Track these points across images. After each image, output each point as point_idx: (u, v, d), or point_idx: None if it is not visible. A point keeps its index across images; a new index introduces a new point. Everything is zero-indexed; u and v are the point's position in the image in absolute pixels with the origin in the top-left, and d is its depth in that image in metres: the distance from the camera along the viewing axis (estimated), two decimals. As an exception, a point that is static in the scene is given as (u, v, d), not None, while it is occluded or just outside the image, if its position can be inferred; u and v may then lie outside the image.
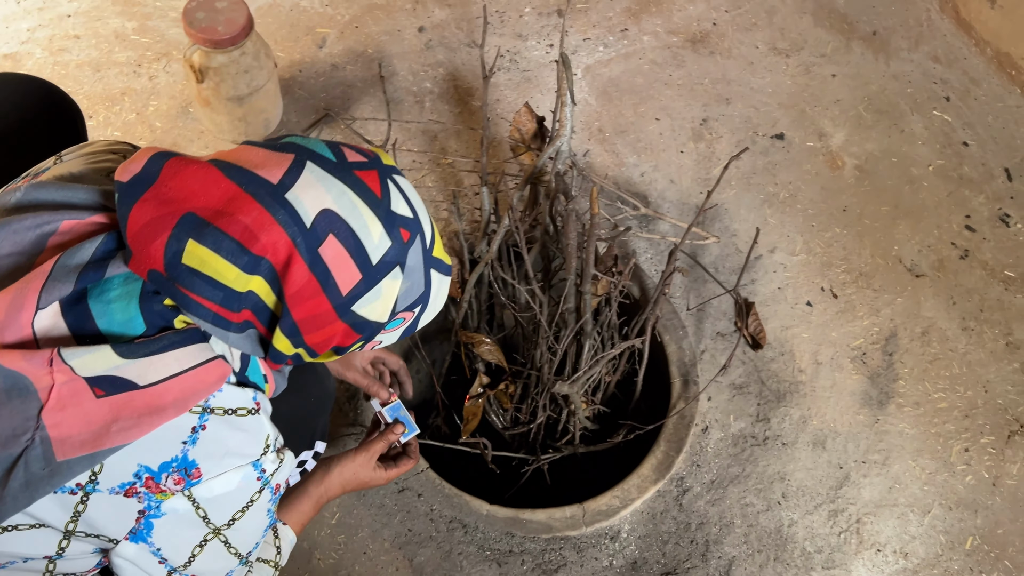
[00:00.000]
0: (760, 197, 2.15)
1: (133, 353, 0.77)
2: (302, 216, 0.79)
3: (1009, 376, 1.95)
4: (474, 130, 2.14)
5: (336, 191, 0.81)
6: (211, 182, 0.79)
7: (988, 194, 2.23)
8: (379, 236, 0.83)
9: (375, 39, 2.30)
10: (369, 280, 0.84)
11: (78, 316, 0.78)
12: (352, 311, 0.85)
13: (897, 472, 1.80)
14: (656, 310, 1.80)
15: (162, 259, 0.77)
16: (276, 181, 0.79)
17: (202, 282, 0.78)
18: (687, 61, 2.38)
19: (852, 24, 2.53)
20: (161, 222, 0.77)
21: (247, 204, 0.78)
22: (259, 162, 0.81)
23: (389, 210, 0.85)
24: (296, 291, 0.80)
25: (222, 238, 0.77)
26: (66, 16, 2.19)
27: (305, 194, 0.79)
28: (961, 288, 2.07)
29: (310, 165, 0.81)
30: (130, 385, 0.77)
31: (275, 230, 0.77)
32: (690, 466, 1.78)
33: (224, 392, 0.84)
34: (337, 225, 0.80)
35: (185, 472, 0.81)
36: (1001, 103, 2.42)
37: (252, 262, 0.78)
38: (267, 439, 0.88)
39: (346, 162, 0.84)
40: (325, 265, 0.80)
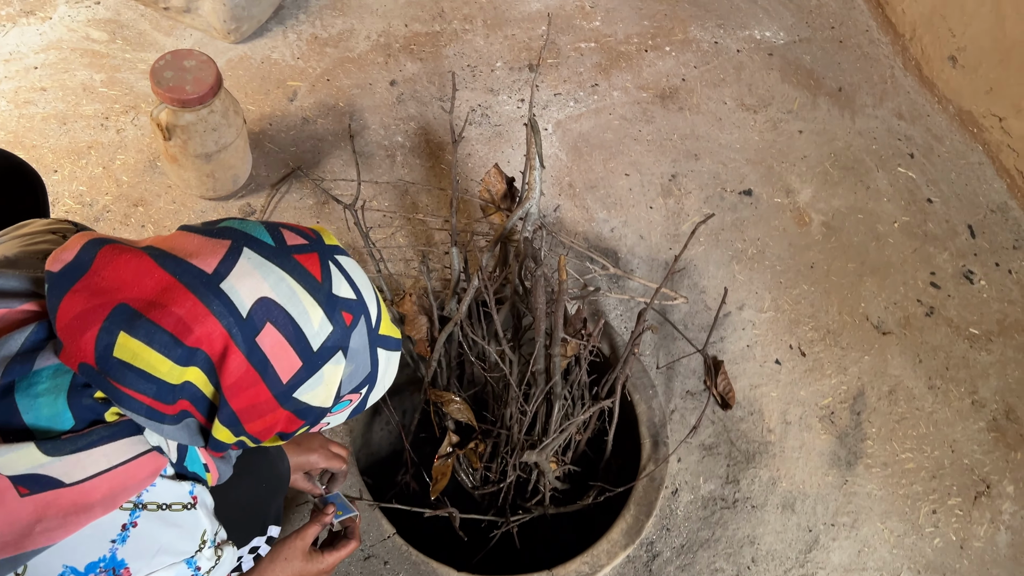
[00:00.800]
0: (728, 253, 2.17)
1: (59, 450, 0.75)
2: (238, 306, 0.77)
3: (975, 435, 1.97)
4: (443, 191, 2.14)
5: (274, 278, 0.79)
6: (144, 272, 0.77)
7: (952, 251, 2.26)
8: (319, 322, 0.81)
9: (346, 92, 2.30)
10: (310, 367, 0.82)
11: (3, 410, 0.76)
12: (294, 398, 0.83)
13: (866, 535, 1.80)
14: (626, 369, 1.80)
15: (93, 352, 0.75)
16: (211, 270, 0.77)
17: (135, 376, 0.76)
18: (656, 116, 2.40)
19: (818, 80, 2.58)
20: (92, 314, 0.75)
21: (181, 295, 0.75)
22: (194, 250, 0.79)
23: (330, 294, 0.83)
24: (233, 382, 0.78)
25: (155, 331, 0.74)
26: (33, 68, 2.17)
27: (241, 283, 0.77)
28: (927, 346, 2.09)
29: (247, 251, 0.80)
30: (56, 483, 0.74)
31: (210, 321, 0.75)
32: (660, 530, 1.77)
33: (158, 486, 0.81)
34: (275, 313, 0.79)
35: (113, 572, 0.78)
36: (964, 160, 2.46)
37: (186, 354, 0.75)
38: (203, 535, 0.86)
39: (285, 246, 0.83)
40: (263, 354, 0.78)
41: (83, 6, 2.32)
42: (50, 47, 2.22)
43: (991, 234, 2.32)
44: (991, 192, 2.42)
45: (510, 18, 2.55)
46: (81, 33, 2.27)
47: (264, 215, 2.02)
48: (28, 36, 2.23)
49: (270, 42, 2.36)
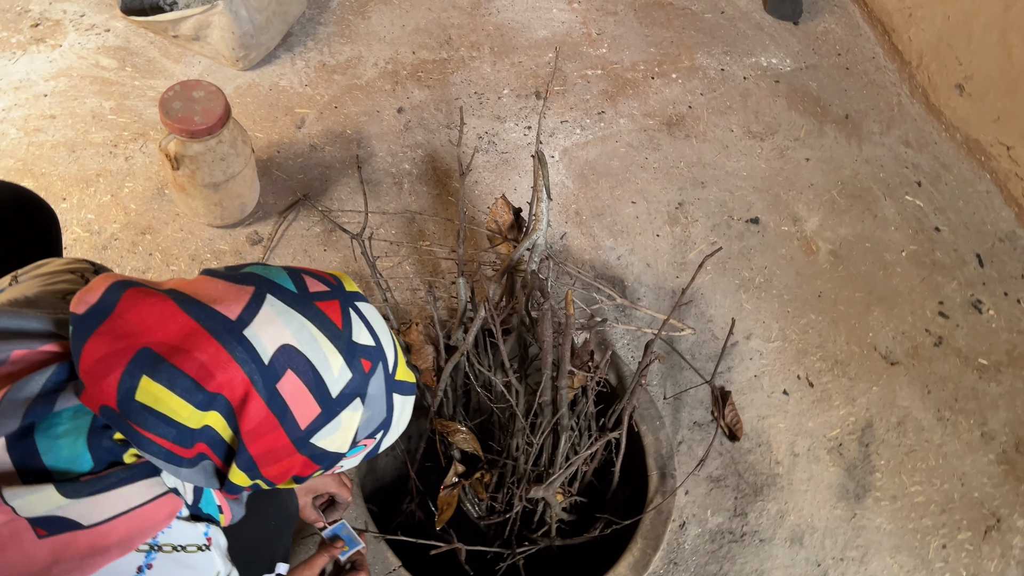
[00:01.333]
0: (735, 282, 2.16)
1: (78, 492, 0.75)
2: (260, 353, 0.78)
3: (985, 468, 1.95)
4: (450, 221, 2.14)
5: (296, 325, 0.80)
6: (168, 316, 0.78)
7: (960, 280, 2.26)
8: (339, 369, 0.83)
9: (354, 120, 2.31)
10: (329, 413, 0.83)
11: (23, 452, 0.76)
12: (311, 444, 0.84)
13: (875, 570, 1.78)
14: (633, 400, 1.79)
15: (115, 395, 0.76)
16: (235, 317, 0.78)
17: (155, 419, 0.76)
18: (663, 144, 2.41)
19: (825, 108, 2.58)
20: (115, 357, 0.76)
21: (204, 340, 0.77)
22: (218, 296, 0.80)
23: (350, 341, 0.84)
24: (253, 427, 0.79)
25: (177, 375, 0.75)
26: (42, 95, 2.18)
27: (263, 330, 0.79)
28: (936, 376, 2.08)
29: (270, 298, 0.81)
30: (74, 525, 0.75)
31: (232, 368, 0.77)
32: (667, 564, 1.76)
33: (173, 528, 0.82)
34: (296, 360, 0.80)
35: None
36: (971, 188, 2.46)
37: (207, 399, 0.77)
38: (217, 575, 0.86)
39: (307, 293, 0.84)
40: (283, 400, 0.80)
41: (93, 33, 2.34)
42: (60, 74, 2.24)
43: (1000, 263, 2.31)
44: (999, 221, 2.41)
45: (517, 46, 2.56)
46: (91, 60, 2.28)
47: (271, 243, 2.03)
48: (38, 63, 2.24)
49: (278, 69, 2.37)
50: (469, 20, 2.60)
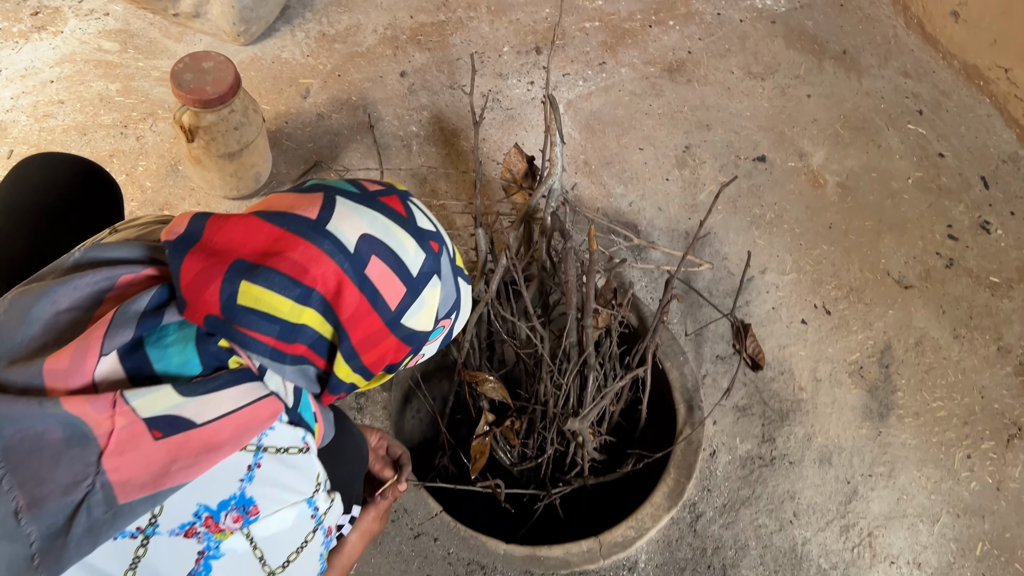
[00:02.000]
0: (747, 219, 2.19)
1: (192, 391, 0.81)
2: (345, 243, 0.85)
3: (1003, 381, 1.99)
4: (464, 173, 2.17)
5: (369, 217, 0.88)
6: (254, 229, 0.84)
7: (967, 203, 2.29)
8: (414, 251, 0.90)
9: (358, 86, 2.33)
10: (413, 292, 0.90)
11: (136, 361, 0.82)
12: (402, 324, 0.91)
13: (903, 483, 1.83)
14: (656, 338, 1.83)
15: (218, 303, 0.82)
16: (315, 216, 0.85)
17: (259, 319, 0.83)
18: (666, 90, 2.43)
19: (822, 45, 2.60)
20: (212, 270, 0.82)
21: (293, 241, 0.83)
22: (292, 204, 0.87)
23: (416, 227, 0.92)
24: (351, 314, 0.85)
25: (273, 275, 0.82)
26: (49, 82, 2.20)
27: (343, 223, 0.86)
28: (949, 297, 2.12)
29: (340, 199, 0.88)
30: (188, 424, 0.79)
31: (324, 260, 0.83)
32: (701, 491, 1.80)
33: (276, 430, 0.86)
34: (377, 246, 0.87)
35: (243, 509, 0.82)
36: (972, 113, 2.49)
37: (304, 293, 0.83)
38: (318, 477, 0.90)
39: (368, 191, 0.92)
40: (373, 284, 0.86)
41: (93, 18, 2.35)
42: (64, 60, 2.25)
43: (1004, 184, 2.34)
44: (1001, 143, 2.44)
45: (513, 3, 2.58)
46: (93, 45, 2.29)
47: (288, 210, 2.05)
48: (41, 51, 2.26)
49: (279, 42, 2.39)
50: (463, -19, 2.61)
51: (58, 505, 0.75)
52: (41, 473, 0.76)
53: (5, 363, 0.82)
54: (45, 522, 0.75)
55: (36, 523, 0.74)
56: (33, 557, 0.74)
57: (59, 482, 0.75)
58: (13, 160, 2.03)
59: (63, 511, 0.75)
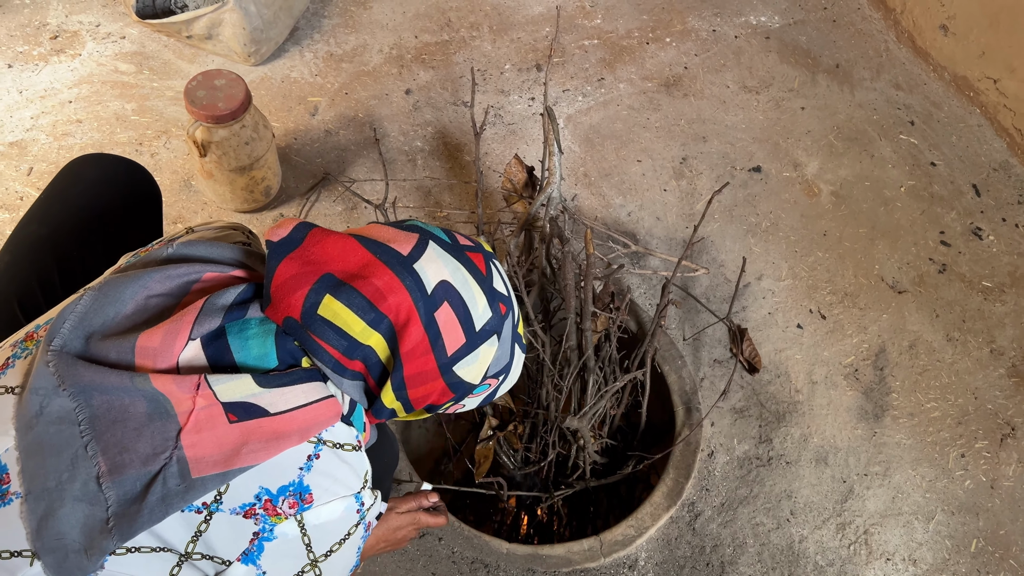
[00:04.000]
0: (743, 228, 2.25)
1: (269, 383, 0.87)
2: (425, 284, 0.91)
3: (996, 382, 2.03)
4: (467, 183, 2.24)
5: (452, 266, 0.94)
6: (350, 250, 0.92)
7: (959, 210, 2.34)
8: (483, 307, 0.96)
9: (365, 104, 2.41)
10: (471, 344, 0.96)
11: (218, 349, 0.89)
12: (453, 371, 0.96)
13: (899, 482, 1.87)
14: (654, 342, 1.88)
15: (300, 308, 0.89)
16: (406, 253, 0.92)
17: (332, 332, 0.89)
18: (663, 104, 2.50)
19: (815, 59, 2.67)
20: (303, 278, 0.90)
21: (380, 270, 0.90)
22: (390, 237, 0.95)
23: (492, 287, 0.98)
24: (410, 349, 0.91)
25: (355, 295, 0.89)
26: (67, 102, 2.29)
27: (428, 266, 0.92)
28: (942, 301, 2.16)
29: (431, 244, 0.95)
30: (261, 412, 0.85)
31: (402, 293, 0.90)
32: (700, 491, 1.84)
33: (335, 427, 0.92)
34: (451, 294, 0.93)
35: (299, 496, 0.87)
36: (963, 123, 2.54)
37: (377, 318, 0.89)
38: (366, 474, 0.96)
39: (459, 244, 0.99)
40: (438, 327, 0.92)
41: (110, 41, 2.44)
42: (82, 81, 2.34)
43: (996, 191, 2.40)
44: (992, 152, 2.49)
45: (514, 22, 2.66)
46: (110, 67, 2.38)
47: (297, 223, 2.12)
48: (60, 73, 2.35)
49: (288, 62, 2.47)
50: (466, 2, 2.70)
51: (137, 473, 0.81)
52: (124, 442, 0.81)
53: (99, 337, 0.88)
54: (123, 488, 0.80)
55: (115, 488, 0.80)
56: (108, 520, 0.80)
57: (140, 452, 0.81)
58: (33, 177, 2.11)
59: (141, 479, 0.81)
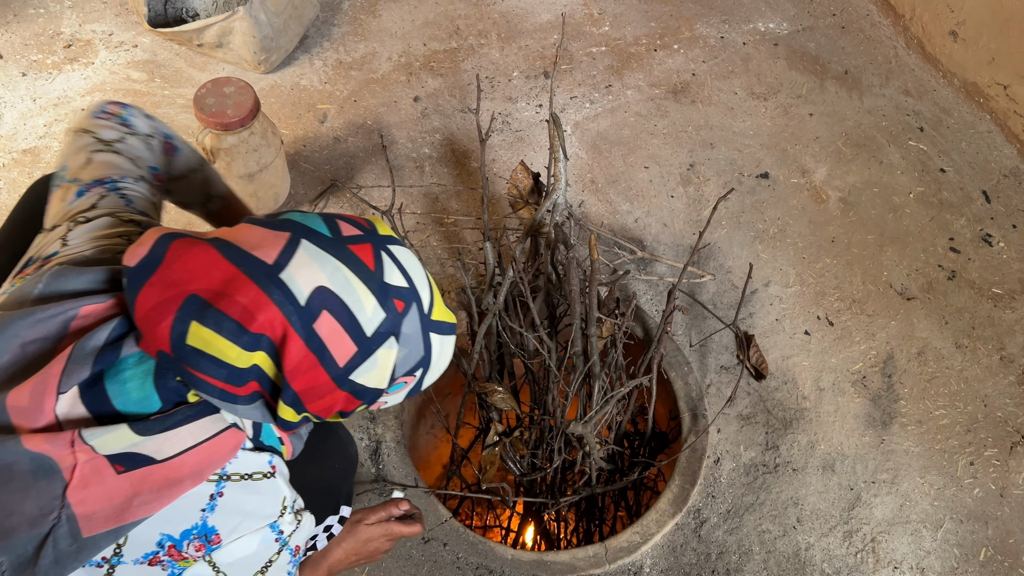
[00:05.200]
0: (751, 234, 2.25)
1: (149, 430, 0.82)
2: (296, 295, 0.81)
3: (1006, 389, 2.02)
4: (473, 190, 2.25)
5: (330, 268, 0.83)
6: (212, 264, 0.82)
7: (969, 216, 2.33)
8: (372, 309, 0.86)
9: (373, 111, 2.42)
10: (365, 351, 0.86)
11: (95, 398, 0.83)
12: (350, 380, 0.87)
13: (906, 489, 1.85)
14: (660, 348, 1.88)
15: (168, 340, 0.81)
16: (272, 261, 0.82)
17: (207, 362, 0.81)
18: (670, 111, 2.50)
19: (824, 65, 2.66)
20: (166, 305, 0.80)
21: (244, 285, 0.80)
22: (256, 242, 0.84)
23: (382, 282, 0.87)
24: (294, 366, 0.83)
25: (223, 319, 0.80)
26: (80, 110, 2.31)
27: (299, 273, 0.82)
28: (952, 308, 2.15)
29: (304, 243, 0.84)
30: (148, 460, 0.81)
31: (271, 309, 0.80)
32: (705, 497, 1.83)
33: (240, 458, 0.88)
34: (331, 301, 0.83)
35: (205, 538, 0.85)
36: (972, 129, 2.53)
37: (252, 340, 0.81)
38: (283, 501, 0.92)
39: (341, 236, 0.87)
40: (320, 340, 0.83)
41: (122, 50, 2.47)
42: (95, 89, 2.37)
43: (1006, 198, 2.38)
44: (1002, 158, 2.48)
45: (522, 30, 2.67)
46: (122, 75, 2.41)
47: (305, 229, 2.13)
48: (74, 81, 2.38)
49: (298, 70, 2.49)
50: (475, 10, 2.71)
51: (27, 536, 0.77)
52: (10, 505, 0.77)
53: None
54: (15, 552, 0.77)
55: (7, 553, 0.77)
56: None
57: (27, 513, 0.77)
58: (45, 183, 2.14)
59: (31, 542, 0.77)
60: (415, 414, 2.23)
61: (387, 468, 1.84)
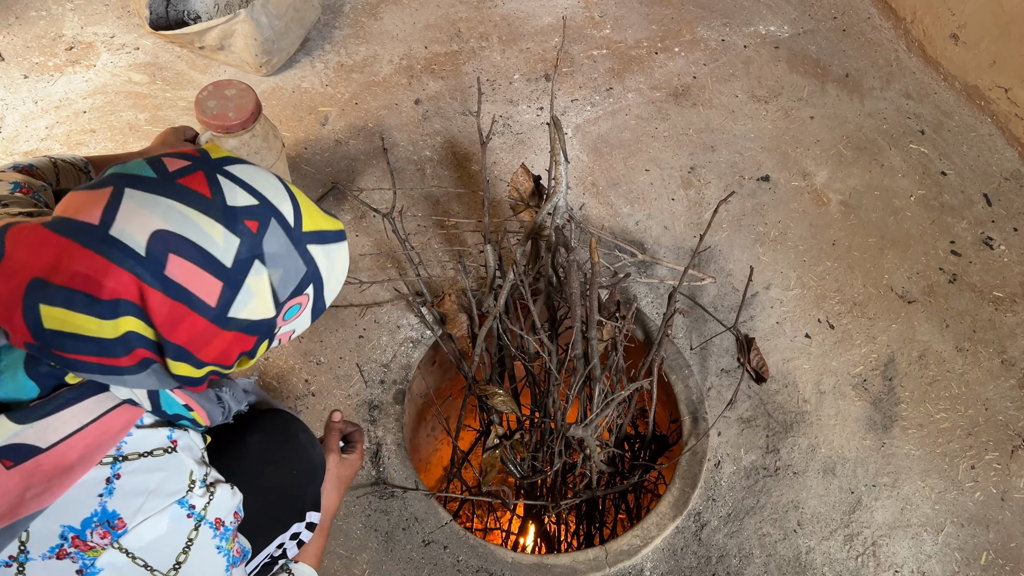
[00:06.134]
0: (751, 237, 2.25)
1: (27, 417, 0.79)
2: (133, 247, 0.76)
3: (1007, 393, 2.01)
4: (474, 192, 2.25)
5: (162, 208, 0.78)
6: (42, 241, 0.77)
7: (970, 219, 2.32)
8: (223, 237, 0.80)
9: (374, 114, 2.42)
10: (232, 284, 0.81)
11: None
12: (231, 318, 0.83)
13: (907, 493, 1.85)
14: (661, 351, 1.88)
15: (27, 330, 0.77)
16: (97, 221, 0.76)
17: (72, 341, 0.77)
18: (671, 114, 2.50)
19: (825, 68, 2.66)
20: (13, 296, 0.77)
21: (78, 253, 0.76)
22: (78, 206, 0.78)
23: (226, 206, 0.81)
24: (163, 319, 0.78)
25: (70, 294, 0.75)
26: (82, 112, 2.32)
27: (130, 224, 0.77)
28: (952, 311, 2.15)
29: (128, 191, 0.78)
30: (34, 450, 0.78)
31: (114, 271, 0.76)
32: (706, 501, 1.83)
33: (135, 436, 0.85)
34: (175, 243, 0.78)
35: (108, 524, 0.81)
36: (974, 132, 2.53)
37: (109, 308, 0.76)
38: (191, 475, 0.88)
39: (168, 174, 0.81)
40: (180, 285, 0.78)
41: (124, 52, 2.47)
42: (96, 92, 2.37)
43: (1007, 201, 2.38)
44: (1004, 161, 2.48)
45: (524, 33, 2.68)
46: (124, 77, 2.42)
47: (306, 231, 2.14)
48: (75, 83, 2.38)
49: (299, 72, 2.50)
50: (476, 13, 2.72)
51: None
52: None
53: None
54: None
55: None
56: None
57: None
58: (47, 185, 2.14)
59: None
60: (415, 416, 2.23)
61: (387, 471, 1.84)
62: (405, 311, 2.04)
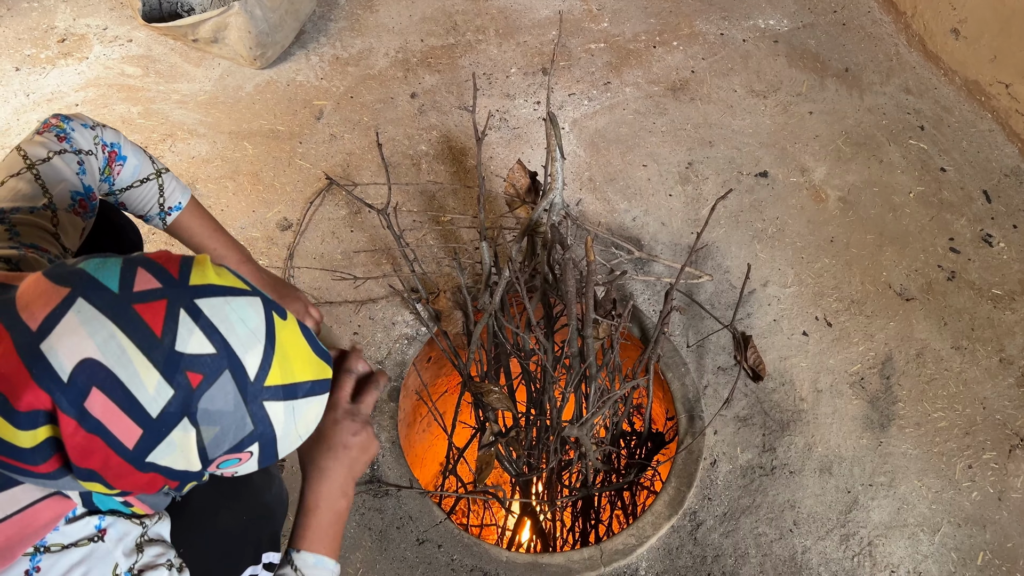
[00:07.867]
0: (749, 234, 2.23)
1: None
2: (58, 370, 0.69)
3: (1005, 392, 2.00)
4: (470, 188, 2.23)
5: (103, 335, 0.70)
6: None
7: (969, 216, 2.31)
8: (155, 386, 0.71)
9: (370, 107, 2.40)
10: (154, 434, 0.73)
11: None
12: (149, 463, 0.75)
13: (904, 493, 1.84)
14: (657, 349, 1.86)
15: None
16: (36, 327, 0.70)
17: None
18: (669, 109, 2.48)
19: (824, 63, 2.64)
20: None
21: (9, 352, 0.69)
22: (30, 299, 0.71)
23: (171, 351, 0.72)
24: (75, 445, 0.71)
25: None
26: (74, 105, 2.29)
27: (61, 343, 0.69)
28: (951, 309, 2.13)
29: (80, 303, 0.70)
30: None
31: (32, 388, 0.69)
32: (702, 500, 1.82)
33: (61, 529, 0.80)
34: (100, 377, 0.70)
35: None
36: (974, 128, 2.51)
37: (27, 419, 0.70)
38: (115, 568, 0.84)
39: (129, 293, 0.72)
40: (97, 420, 0.71)
41: (117, 44, 2.45)
42: (89, 85, 2.35)
43: (1007, 198, 2.36)
44: (1003, 157, 2.46)
45: (521, 26, 2.65)
46: (116, 70, 2.39)
47: (300, 228, 2.12)
48: (68, 76, 2.36)
49: (294, 65, 2.47)
50: (473, 6, 2.69)
51: None
52: None
53: None
54: None
55: None
56: None
57: None
58: (39, 180, 2.12)
59: None
60: (411, 412, 2.22)
61: (382, 468, 1.83)
62: (400, 308, 2.02)
